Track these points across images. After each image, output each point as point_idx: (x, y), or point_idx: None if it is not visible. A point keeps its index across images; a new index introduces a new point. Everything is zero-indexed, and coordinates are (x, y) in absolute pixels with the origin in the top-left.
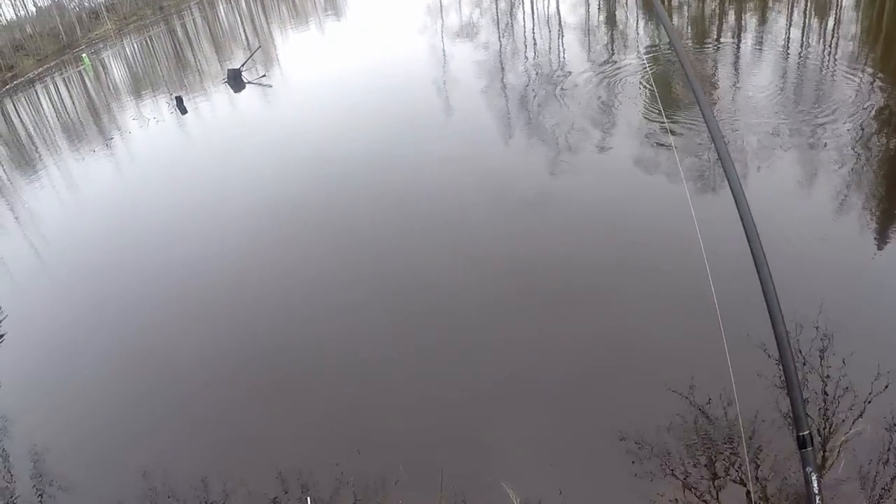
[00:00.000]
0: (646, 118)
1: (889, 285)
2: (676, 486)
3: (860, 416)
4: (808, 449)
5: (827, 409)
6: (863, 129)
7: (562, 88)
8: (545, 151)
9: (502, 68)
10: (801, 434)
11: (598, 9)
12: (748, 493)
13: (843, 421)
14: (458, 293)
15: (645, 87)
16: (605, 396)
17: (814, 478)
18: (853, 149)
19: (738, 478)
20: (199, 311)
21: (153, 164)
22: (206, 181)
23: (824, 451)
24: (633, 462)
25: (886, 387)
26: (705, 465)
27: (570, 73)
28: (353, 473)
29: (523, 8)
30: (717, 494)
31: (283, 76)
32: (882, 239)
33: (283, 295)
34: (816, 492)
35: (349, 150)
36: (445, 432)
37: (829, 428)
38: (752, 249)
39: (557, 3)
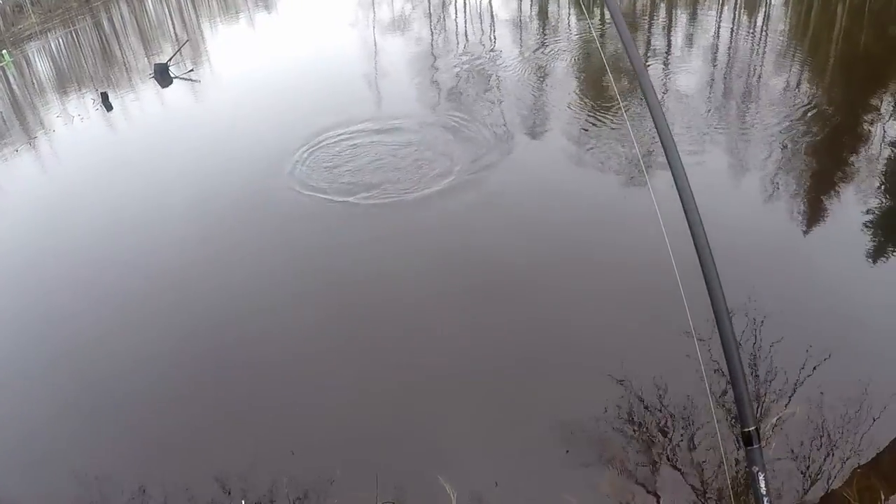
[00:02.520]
0: (578, 108)
1: (817, 271)
2: (613, 474)
3: (791, 397)
4: (756, 447)
5: (759, 393)
6: (789, 122)
7: (496, 78)
8: (480, 143)
9: (434, 60)
10: (745, 430)
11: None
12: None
13: (776, 402)
14: (396, 288)
15: (578, 76)
16: (541, 387)
17: (761, 477)
18: (780, 141)
19: (675, 463)
20: (132, 311)
21: (79, 163)
22: (134, 178)
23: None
24: (567, 451)
25: (815, 369)
26: (646, 452)
27: (503, 62)
28: (290, 475)
29: (455, 3)
30: (655, 480)
31: (212, 70)
32: (809, 226)
33: (218, 293)
34: (764, 492)
35: (280, 143)
36: (383, 429)
37: (762, 410)
38: (694, 238)
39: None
